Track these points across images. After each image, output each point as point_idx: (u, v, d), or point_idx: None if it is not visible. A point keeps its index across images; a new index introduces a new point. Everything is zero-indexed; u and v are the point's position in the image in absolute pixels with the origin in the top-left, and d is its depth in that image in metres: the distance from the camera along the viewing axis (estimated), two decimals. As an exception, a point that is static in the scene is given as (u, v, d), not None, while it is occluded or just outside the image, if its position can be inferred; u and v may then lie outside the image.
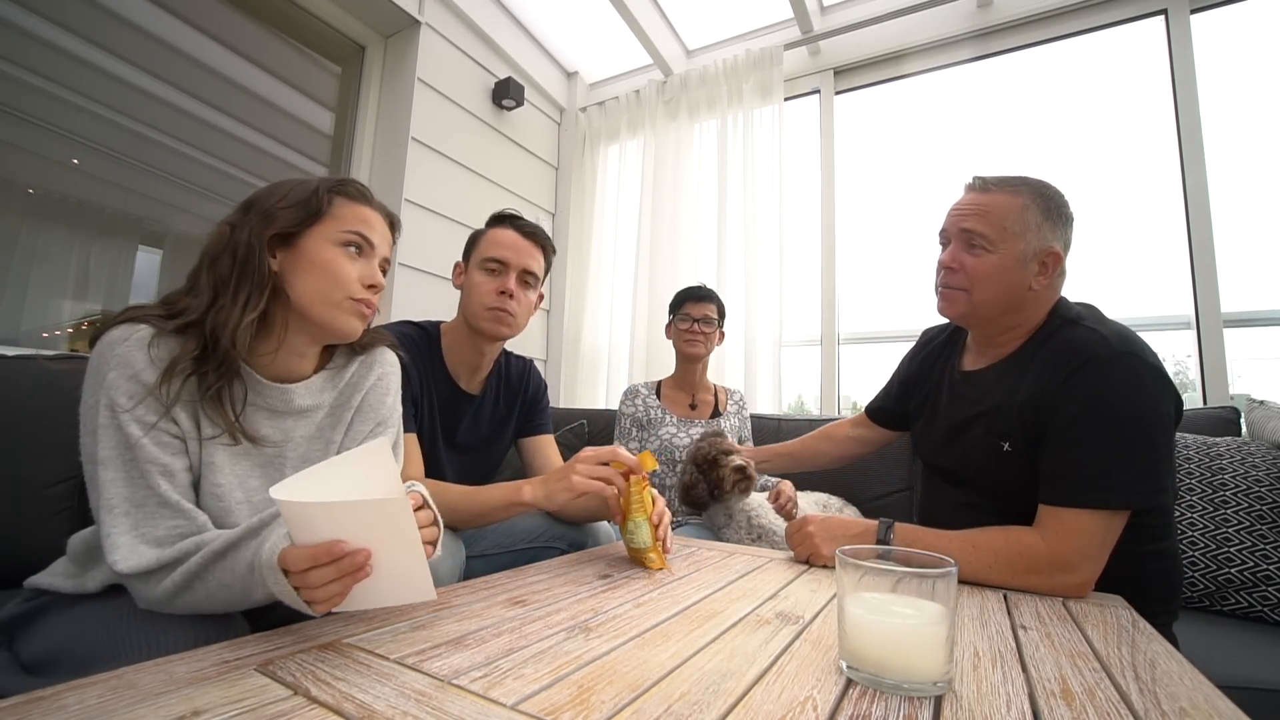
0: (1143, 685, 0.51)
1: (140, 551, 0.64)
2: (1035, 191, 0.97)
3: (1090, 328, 0.92)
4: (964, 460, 1.04)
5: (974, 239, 0.98)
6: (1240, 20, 1.98)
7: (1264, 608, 1.23)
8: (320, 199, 0.79)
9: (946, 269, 1.02)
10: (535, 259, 1.23)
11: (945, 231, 1.04)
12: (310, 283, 0.77)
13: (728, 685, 0.48)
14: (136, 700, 0.42)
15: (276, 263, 0.78)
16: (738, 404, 1.92)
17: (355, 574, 0.55)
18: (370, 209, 0.84)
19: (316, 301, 0.77)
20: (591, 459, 0.93)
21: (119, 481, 0.66)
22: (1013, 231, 0.95)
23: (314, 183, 0.81)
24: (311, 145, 2.16)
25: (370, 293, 0.81)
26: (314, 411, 0.84)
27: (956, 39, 2.30)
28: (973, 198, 1.00)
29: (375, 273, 0.82)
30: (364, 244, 0.81)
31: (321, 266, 0.77)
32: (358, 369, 0.89)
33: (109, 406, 0.67)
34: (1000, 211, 0.96)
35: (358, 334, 0.82)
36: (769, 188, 2.46)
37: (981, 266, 0.97)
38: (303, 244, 0.78)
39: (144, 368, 0.68)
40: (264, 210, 0.78)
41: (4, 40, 1.45)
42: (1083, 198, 2.07)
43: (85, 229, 1.64)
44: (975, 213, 0.98)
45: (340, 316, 0.79)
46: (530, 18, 2.67)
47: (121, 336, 0.69)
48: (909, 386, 1.26)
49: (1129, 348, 0.87)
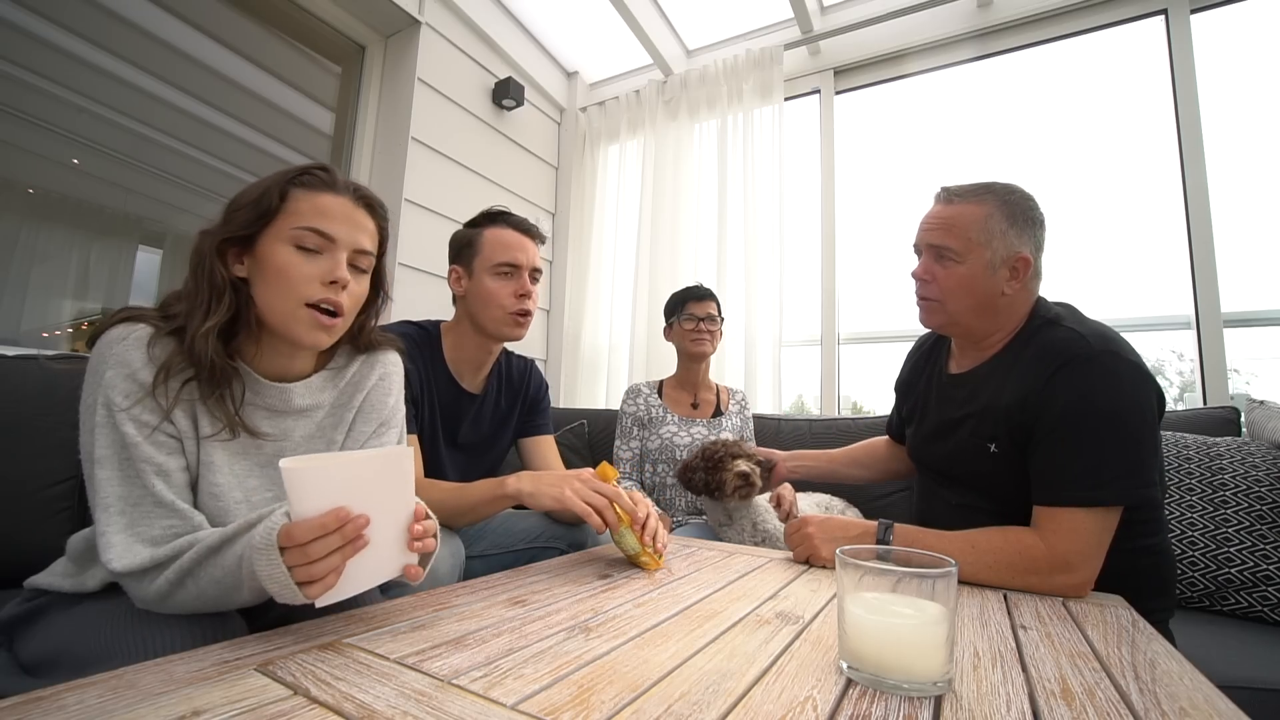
0: (1143, 685, 0.51)
1: (135, 550, 0.64)
2: (999, 199, 0.99)
3: (1069, 328, 0.93)
4: (954, 462, 1.05)
5: (942, 252, 1.00)
6: (1240, 20, 1.98)
7: (1264, 608, 1.23)
8: (271, 196, 0.74)
9: (920, 281, 1.05)
10: (538, 254, 1.25)
11: (916, 245, 1.07)
12: (264, 289, 0.74)
13: (728, 685, 0.48)
14: (136, 700, 0.42)
15: (244, 268, 0.75)
16: (740, 404, 1.92)
17: (355, 543, 0.55)
18: (331, 195, 0.76)
19: (270, 310, 0.74)
20: (589, 480, 0.93)
21: (114, 480, 0.66)
22: (978, 241, 0.97)
23: (273, 177, 0.76)
24: (311, 145, 2.16)
25: (330, 290, 0.74)
26: (314, 411, 0.83)
27: (956, 39, 2.30)
28: (939, 210, 1.03)
29: (335, 268, 0.74)
30: (321, 240, 0.74)
31: (274, 271, 0.73)
32: (359, 368, 0.87)
33: (105, 405, 0.67)
34: (964, 223, 0.98)
35: (322, 344, 0.77)
36: (769, 188, 2.46)
37: (951, 278, 1.00)
38: (258, 247, 0.74)
39: (141, 367, 0.68)
40: (225, 213, 0.76)
41: (4, 40, 1.45)
42: (1083, 198, 2.09)
43: (85, 229, 1.64)
44: (941, 226, 1.01)
45: (295, 327, 0.74)
46: (530, 18, 2.67)
47: (119, 336, 0.70)
48: (904, 393, 1.27)
49: (1107, 346, 0.88)
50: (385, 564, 0.61)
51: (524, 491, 0.97)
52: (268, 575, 0.55)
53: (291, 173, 0.77)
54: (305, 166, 0.78)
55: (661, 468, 1.74)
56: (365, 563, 0.59)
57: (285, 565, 0.55)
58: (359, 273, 0.79)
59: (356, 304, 0.80)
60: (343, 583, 0.58)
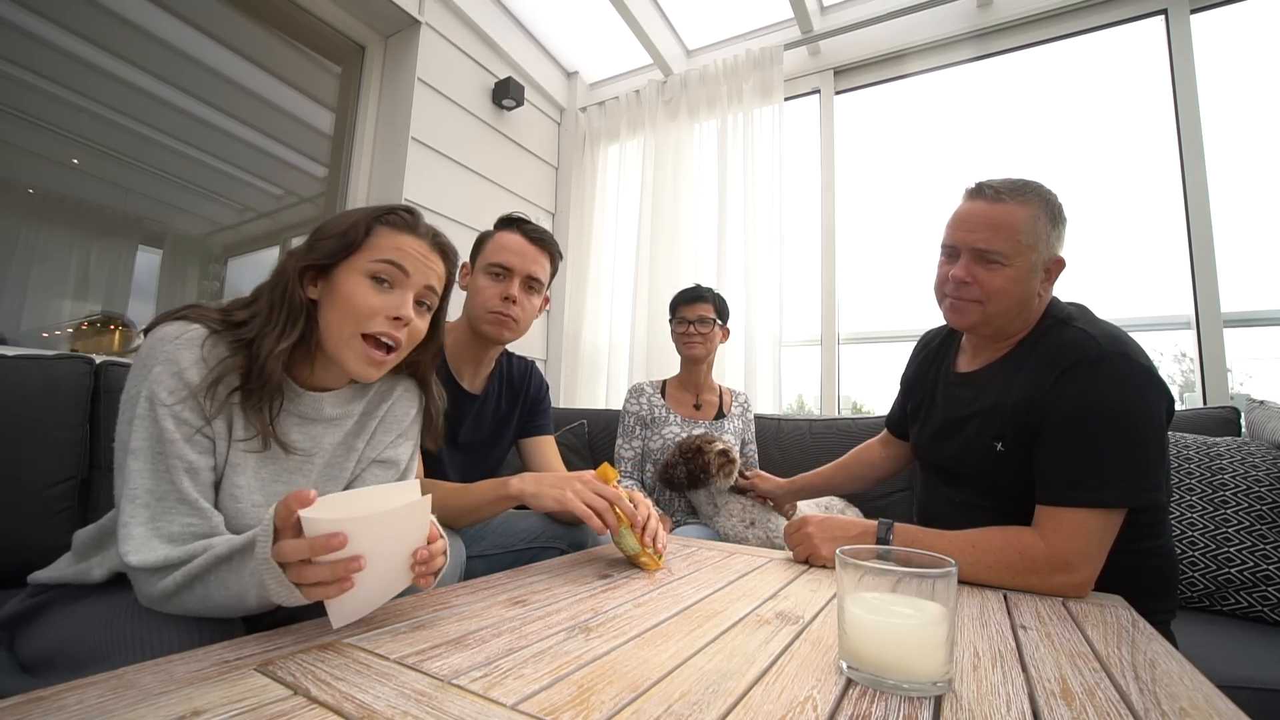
0: (1143, 685, 0.51)
1: (152, 546, 0.64)
2: (1043, 199, 0.96)
3: (1081, 328, 0.93)
4: (959, 460, 1.05)
5: (989, 254, 0.94)
6: (1240, 20, 1.98)
7: (1264, 608, 1.23)
8: (358, 230, 0.77)
9: (960, 283, 0.97)
10: (540, 265, 1.23)
11: (953, 245, 0.99)
12: (330, 314, 0.77)
13: (728, 685, 0.48)
14: (136, 700, 0.42)
15: (316, 291, 0.78)
16: (742, 405, 1.92)
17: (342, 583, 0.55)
18: (411, 237, 0.80)
19: (329, 336, 0.77)
20: (590, 482, 0.93)
21: (145, 473, 0.67)
22: (1026, 244, 0.93)
23: (361, 213, 0.80)
24: (311, 145, 2.17)
25: (393, 325, 0.77)
26: (342, 420, 0.85)
27: (956, 39, 2.30)
28: (983, 209, 0.96)
29: (401, 305, 0.77)
30: (395, 273, 0.77)
31: (343, 298, 0.76)
32: (384, 379, 0.90)
33: (149, 399, 0.68)
34: (1014, 224, 0.93)
35: (369, 378, 0.79)
36: (769, 188, 2.46)
37: (997, 280, 0.94)
38: (335, 275, 0.77)
39: (189, 366, 0.70)
40: (310, 240, 0.79)
41: (4, 40, 1.45)
42: (1083, 197, 2.09)
43: (85, 229, 1.64)
44: (988, 226, 0.94)
45: (346, 355, 0.76)
46: (530, 18, 2.67)
47: (174, 334, 0.71)
48: (910, 389, 1.26)
49: (1119, 348, 0.88)
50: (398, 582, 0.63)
51: (526, 493, 0.97)
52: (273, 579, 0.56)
53: (379, 210, 0.81)
54: (392, 206, 0.82)
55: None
56: (384, 586, 0.61)
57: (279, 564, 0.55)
58: (423, 310, 0.83)
59: (414, 340, 0.83)
60: (363, 606, 0.60)
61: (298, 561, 0.55)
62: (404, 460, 0.90)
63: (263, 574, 0.56)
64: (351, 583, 0.55)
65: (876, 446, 1.41)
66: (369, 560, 0.55)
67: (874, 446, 1.42)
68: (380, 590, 0.61)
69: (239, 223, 1.94)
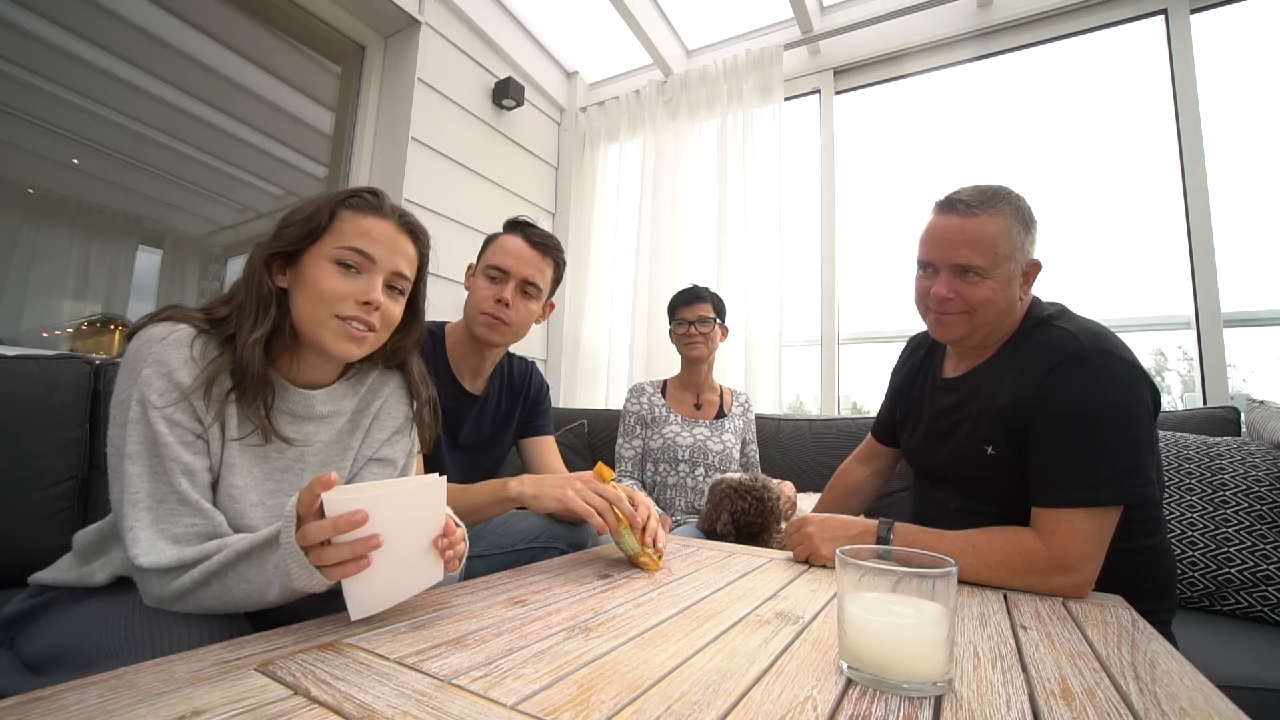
0: (1143, 685, 0.51)
1: (160, 547, 0.64)
2: (1012, 206, 0.95)
3: (1062, 327, 0.93)
4: (950, 464, 1.05)
5: (968, 269, 0.94)
6: (1240, 20, 1.98)
7: (1264, 608, 1.23)
8: (322, 215, 0.77)
9: (943, 299, 0.97)
10: (539, 269, 1.22)
11: (930, 262, 0.99)
12: (300, 301, 0.76)
13: (728, 685, 0.48)
14: (136, 700, 0.42)
15: (285, 279, 0.78)
16: (743, 406, 1.92)
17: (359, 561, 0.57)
18: (377, 219, 0.79)
19: (305, 321, 0.76)
20: (590, 482, 0.93)
21: (144, 476, 0.67)
22: (1003, 254, 0.93)
23: (325, 198, 0.79)
24: (311, 145, 2.16)
25: (363, 310, 0.77)
26: (335, 418, 0.84)
27: (956, 39, 2.30)
28: (958, 224, 0.95)
29: (370, 289, 0.77)
30: (361, 260, 0.77)
31: (311, 284, 0.76)
32: (378, 376, 0.90)
33: (140, 402, 0.68)
34: (989, 238, 0.93)
35: (352, 355, 0.78)
36: (769, 188, 2.46)
37: (980, 292, 0.94)
38: (302, 262, 0.77)
39: (179, 367, 0.69)
40: (276, 228, 0.79)
41: (4, 40, 1.45)
42: (1083, 198, 2.09)
43: (85, 229, 1.64)
44: (965, 242, 0.94)
45: (327, 337, 0.76)
46: (530, 18, 2.67)
47: (160, 335, 0.71)
48: (898, 396, 1.26)
49: (1100, 344, 0.88)
50: (420, 576, 0.65)
51: (526, 495, 0.97)
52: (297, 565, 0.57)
53: (342, 194, 0.80)
54: (356, 190, 0.81)
55: (663, 467, 1.74)
56: (400, 577, 0.62)
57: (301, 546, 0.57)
58: (395, 295, 0.82)
59: (389, 325, 0.82)
60: (381, 596, 0.61)
61: (319, 544, 0.56)
62: (401, 459, 0.90)
63: (287, 560, 0.57)
64: (369, 560, 0.57)
65: (856, 466, 1.37)
66: (387, 540, 0.58)
67: (854, 468, 1.38)
68: (399, 579, 0.62)
69: (239, 223, 1.94)
